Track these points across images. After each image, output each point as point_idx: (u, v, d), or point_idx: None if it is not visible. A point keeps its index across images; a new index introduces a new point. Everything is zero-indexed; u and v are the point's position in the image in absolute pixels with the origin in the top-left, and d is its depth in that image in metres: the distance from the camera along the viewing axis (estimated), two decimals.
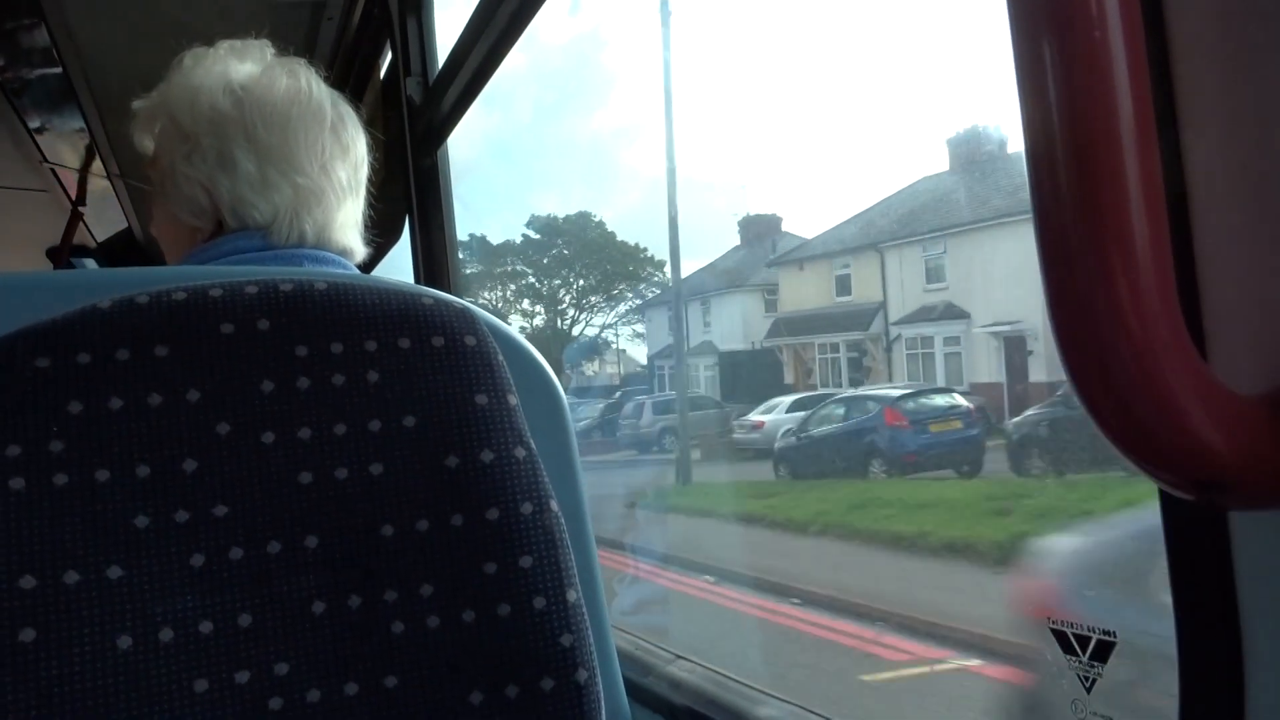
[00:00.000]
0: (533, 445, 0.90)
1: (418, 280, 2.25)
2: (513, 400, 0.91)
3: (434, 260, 2.21)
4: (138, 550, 0.78)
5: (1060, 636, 0.95)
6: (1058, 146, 0.48)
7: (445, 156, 2.19)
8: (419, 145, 2.16)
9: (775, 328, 21.68)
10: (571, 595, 0.87)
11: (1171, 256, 0.48)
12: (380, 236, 1.36)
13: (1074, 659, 0.93)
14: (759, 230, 24.95)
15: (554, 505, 0.89)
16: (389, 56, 2.44)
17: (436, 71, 2.18)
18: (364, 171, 1.31)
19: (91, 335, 0.81)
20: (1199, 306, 0.53)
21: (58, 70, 3.15)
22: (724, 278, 24.27)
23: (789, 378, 20.70)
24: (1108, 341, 0.48)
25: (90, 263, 5.08)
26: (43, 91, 3.51)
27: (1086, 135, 0.48)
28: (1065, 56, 0.48)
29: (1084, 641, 0.93)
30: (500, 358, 0.92)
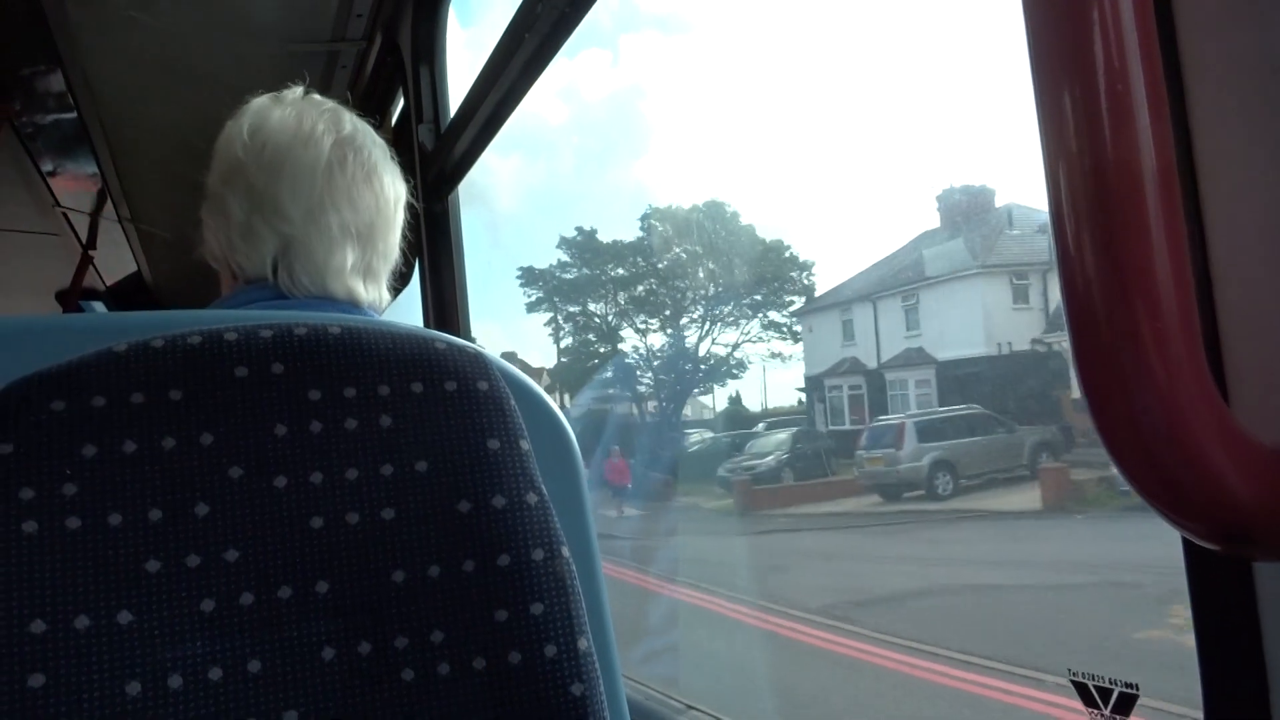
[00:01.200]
0: (544, 490, 0.90)
1: (427, 324, 2.26)
2: (524, 445, 0.90)
3: (444, 304, 2.22)
4: (148, 595, 0.78)
5: None
6: (1081, 200, 0.49)
7: (456, 202, 2.21)
8: (430, 191, 2.18)
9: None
10: (583, 644, 0.86)
11: (1196, 307, 0.48)
12: (391, 281, 1.36)
13: None
14: (969, 206, 17.71)
15: (565, 551, 0.88)
16: (401, 103, 2.47)
17: (449, 119, 2.20)
18: (386, 214, 1.29)
19: (107, 379, 0.81)
20: (1223, 357, 0.53)
21: (73, 115, 3.19)
22: (940, 263, 17.09)
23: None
24: (1132, 390, 0.48)
25: (99, 306, 5.11)
26: (57, 136, 3.55)
27: (1110, 188, 0.48)
28: (1088, 112, 0.48)
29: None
30: (512, 402, 0.92)
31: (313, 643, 0.81)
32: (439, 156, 2.17)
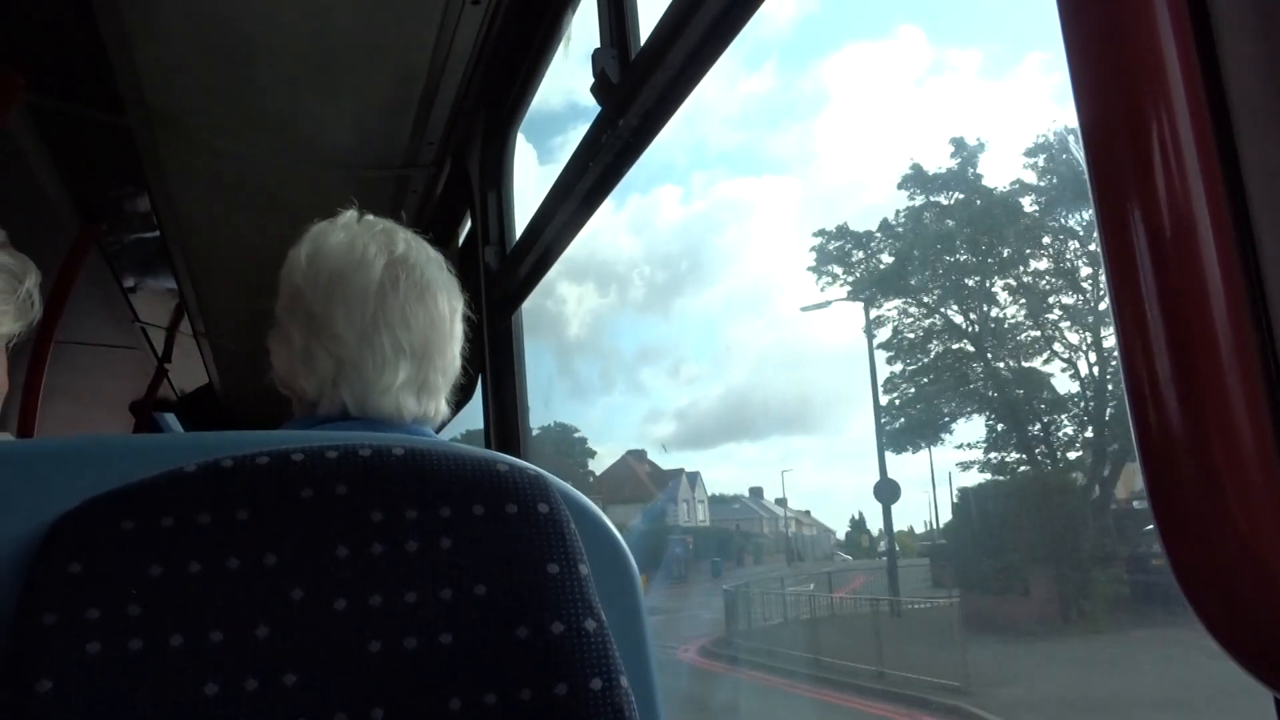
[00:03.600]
0: (603, 617, 0.88)
1: (488, 444, 2.26)
2: (584, 569, 0.89)
3: (506, 424, 2.23)
4: (207, 719, 0.77)
5: None
6: (1152, 339, 0.48)
7: (519, 322, 2.24)
8: (495, 311, 2.22)
9: None
10: None
11: (1274, 446, 0.47)
12: (452, 395, 1.38)
13: None
14: None
15: (624, 681, 0.86)
16: (468, 225, 2.53)
17: (514, 241, 2.25)
18: (442, 329, 1.30)
19: (176, 498, 0.82)
20: None
21: (155, 234, 3.32)
22: None
23: None
24: (1212, 540, 0.46)
25: (171, 417, 5.23)
26: (140, 254, 3.70)
27: (1180, 325, 0.47)
28: (1153, 239, 0.48)
29: None
30: (573, 526, 0.91)
31: None
32: (503, 277, 2.21)
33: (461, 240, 2.66)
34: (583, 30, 1.88)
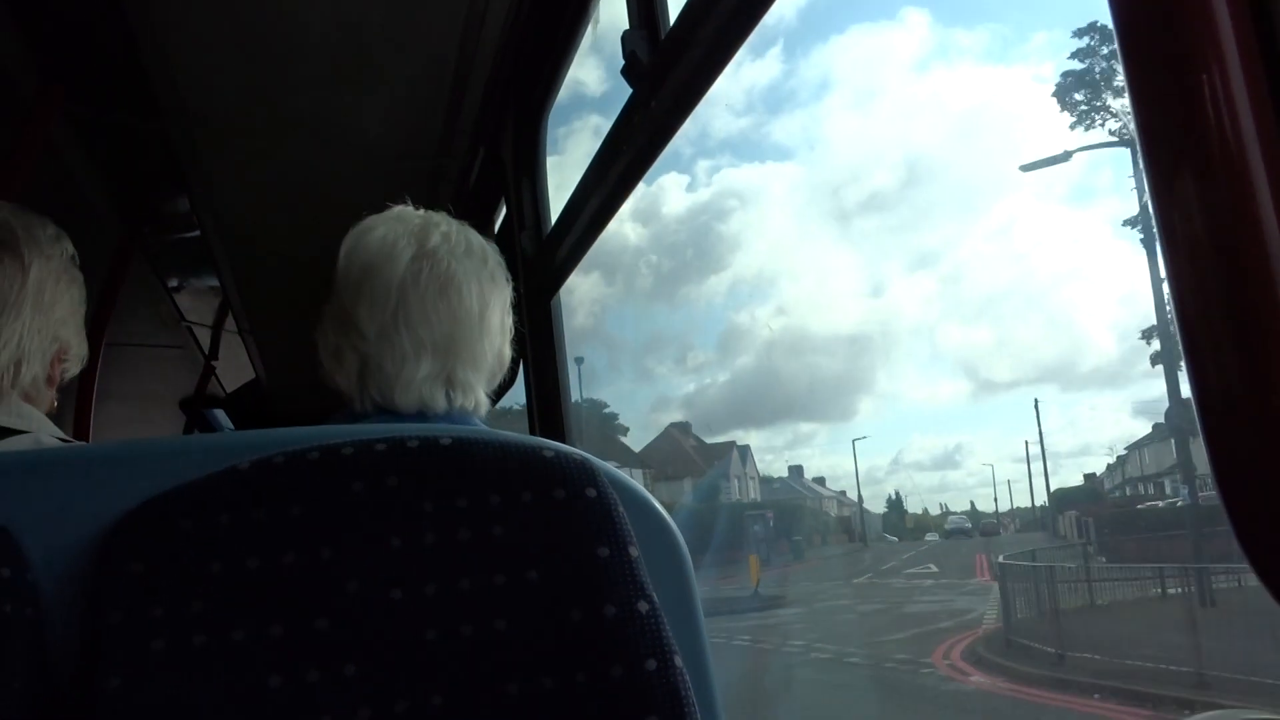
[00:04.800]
0: (655, 598, 0.88)
1: (532, 430, 2.28)
2: (634, 552, 0.90)
3: (549, 409, 2.24)
4: (271, 711, 0.79)
5: None
6: (1208, 293, 0.47)
7: (558, 307, 2.25)
8: (532, 297, 2.22)
9: None
10: None
11: None
12: (490, 386, 1.38)
13: None
14: None
15: (678, 661, 0.87)
16: (504, 211, 2.54)
17: (549, 226, 2.26)
18: (468, 324, 1.29)
19: (232, 496, 0.84)
20: None
21: (196, 234, 3.36)
22: None
23: None
24: (1268, 487, 0.46)
25: (220, 414, 5.30)
26: (182, 255, 3.75)
27: (1236, 280, 0.47)
28: (1204, 201, 0.47)
29: None
30: (620, 509, 0.91)
31: None
32: (540, 263, 2.22)
33: (497, 227, 2.67)
34: (609, 12, 1.87)
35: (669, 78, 1.40)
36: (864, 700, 13.04)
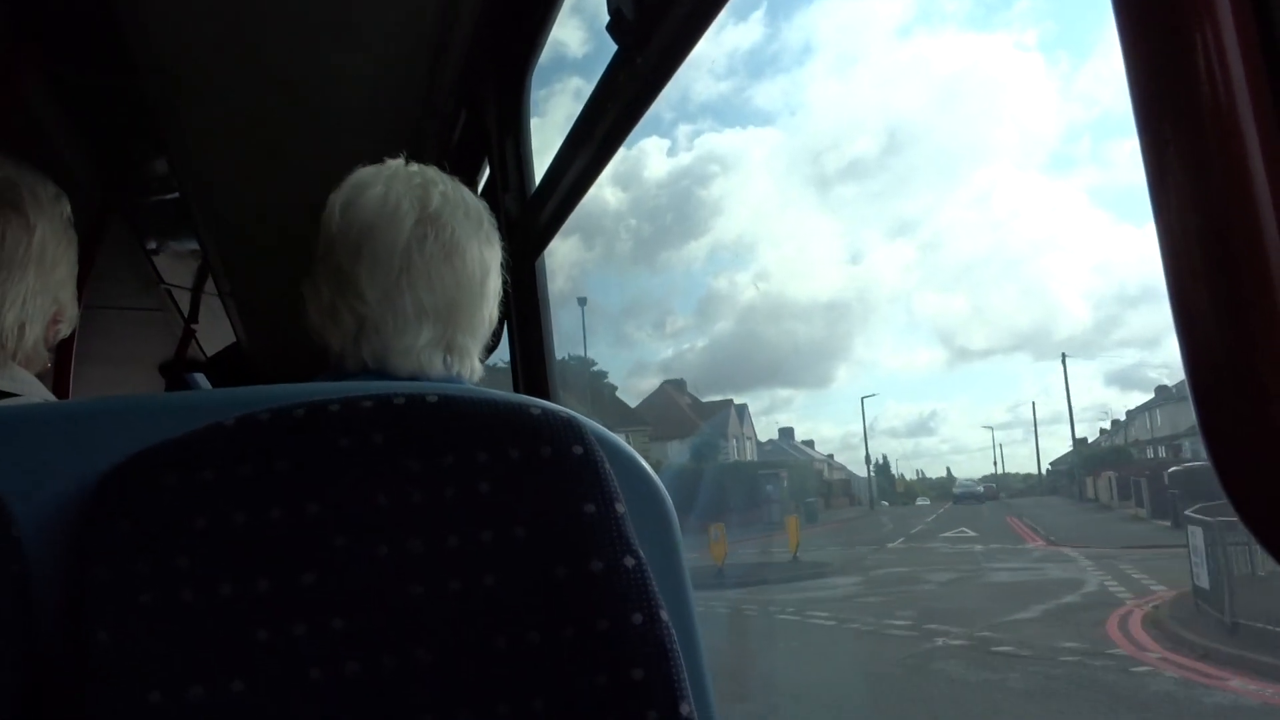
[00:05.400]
0: (641, 554, 0.89)
1: (517, 389, 2.28)
2: (620, 508, 0.90)
3: (534, 369, 2.24)
4: (258, 664, 0.79)
5: None
6: (1199, 267, 0.47)
7: (543, 267, 2.24)
8: (517, 258, 2.21)
9: None
10: (685, 709, 0.85)
11: None
12: (484, 353, 1.37)
13: None
14: None
15: (664, 615, 0.88)
16: (486, 173, 2.52)
17: (534, 187, 2.24)
18: (470, 290, 1.28)
19: (216, 452, 0.84)
20: None
21: (175, 196, 3.33)
22: None
23: None
24: (1258, 449, 0.46)
25: (201, 377, 5.28)
26: (161, 217, 3.71)
27: (1227, 253, 0.46)
28: (1199, 172, 0.47)
29: None
30: (607, 466, 0.92)
31: (416, 710, 0.82)
32: (524, 223, 2.21)
33: (480, 189, 2.66)
34: None
35: (655, 34, 1.38)
36: None
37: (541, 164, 2.17)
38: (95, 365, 4.54)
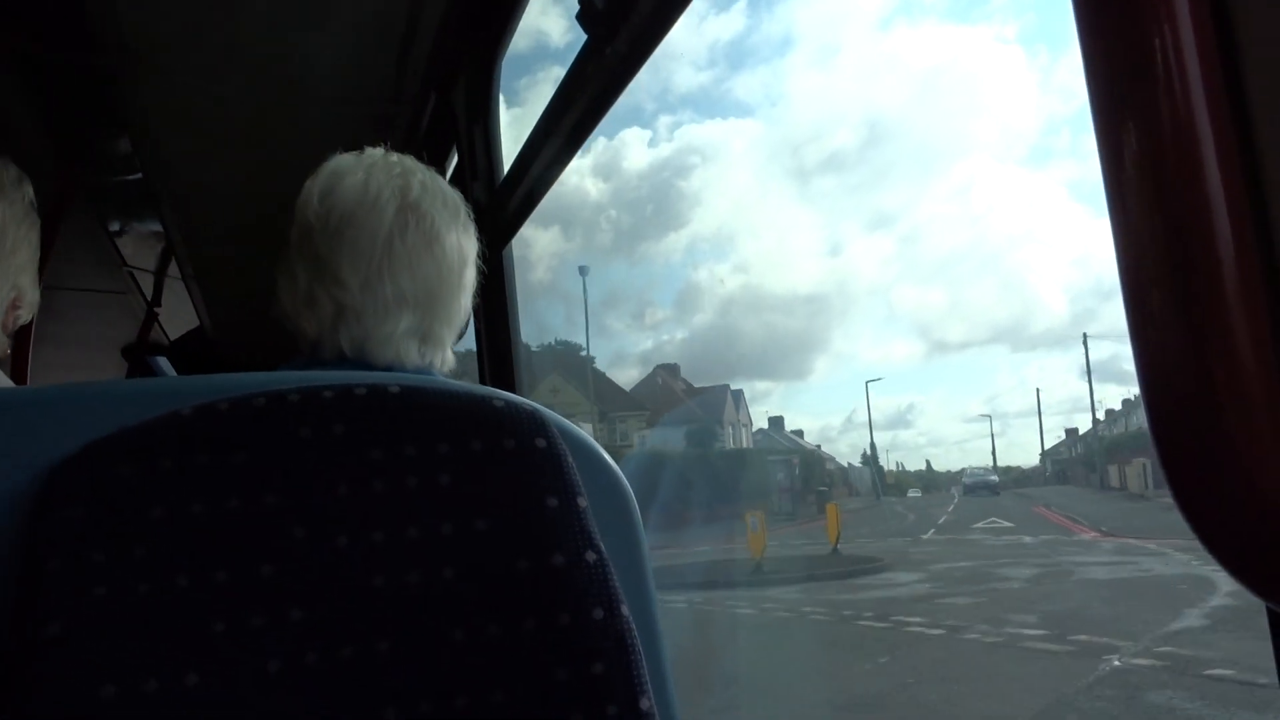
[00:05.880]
0: (603, 548, 0.89)
1: (483, 381, 2.27)
2: (582, 502, 0.90)
3: (500, 360, 2.23)
4: (215, 656, 0.78)
5: None
6: (1154, 270, 0.47)
7: (510, 257, 2.22)
8: (484, 246, 2.20)
9: None
10: (644, 703, 0.85)
11: (1275, 356, 0.47)
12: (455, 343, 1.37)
13: None
14: None
15: (625, 610, 0.88)
16: (455, 160, 2.50)
17: (502, 175, 2.23)
18: (450, 280, 1.28)
19: (174, 441, 0.83)
20: None
21: (138, 177, 3.28)
22: None
23: None
24: (1206, 451, 0.46)
25: (164, 361, 5.22)
26: (124, 198, 3.66)
27: (1183, 255, 0.47)
28: (1157, 173, 0.47)
29: None
30: (570, 459, 0.92)
31: (375, 702, 0.81)
32: (492, 212, 2.19)
33: (449, 177, 2.63)
34: None
35: (624, 24, 1.37)
36: None
37: (514, 154, 2.16)
38: (56, 348, 4.48)
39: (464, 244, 1.32)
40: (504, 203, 2.10)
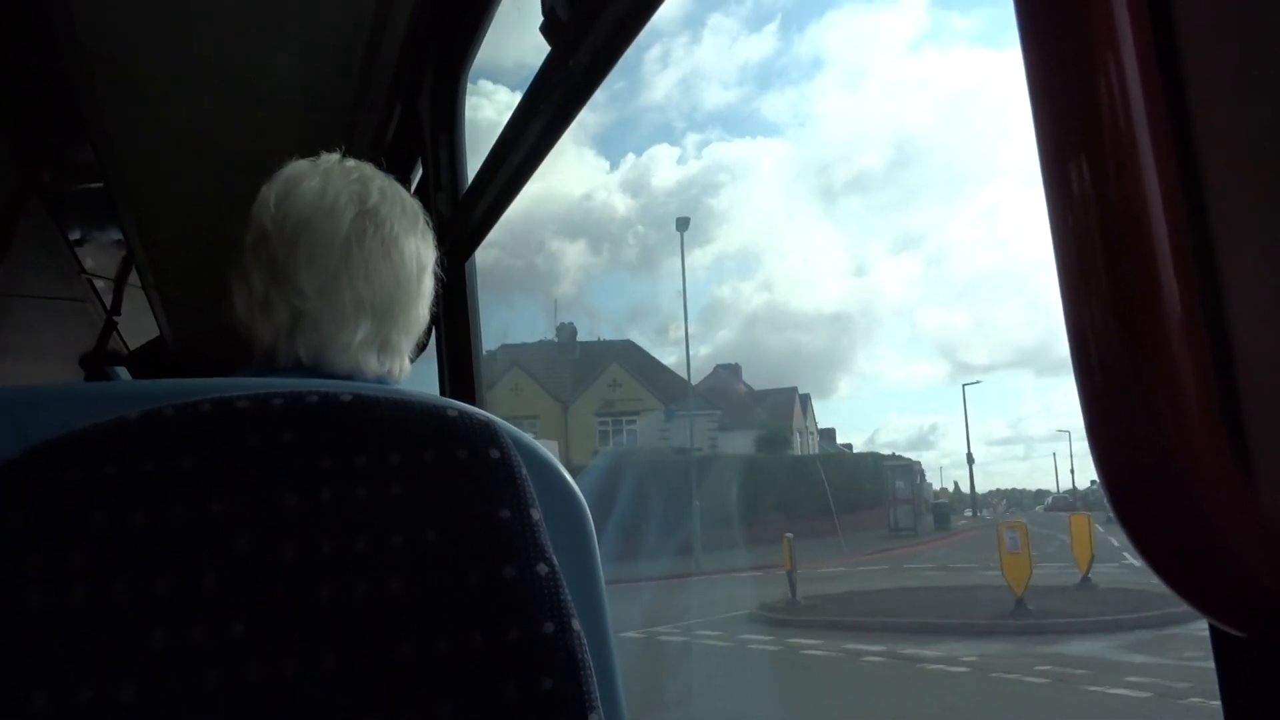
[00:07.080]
0: (555, 562, 0.88)
1: (443, 392, 2.25)
2: (535, 515, 0.89)
3: (460, 371, 2.21)
4: (153, 668, 0.76)
5: None
6: (1090, 266, 0.47)
7: (473, 269, 2.21)
8: (448, 258, 2.18)
9: None
10: (594, 719, 0.84)
11: (1214, 378, 0.47)
12: (415, 353, 1.35)
13: None
14: None
15: (576, 625, 0.87)
16: (420, 171, 2.49)
17: (466, 186, 2.22)
18: (408, 287, 1.26)
19: (118, 447, 0.81)
20: (1243, 431, 0.51)
21: (99, 185, 3.23)
22: None
23: None
24: (1149, 467, 0.46)
25: (123, 371, 5.15)
26: (84, 205, 3.61)
27: (1120, 254, 0.47)
28: (1095, 174, 0.47)
29: None
30: (524, 471, 0.91)
31: (317, 717, 0.80)
32: (456, 224, 2.18)
33: (414, 188, 2.62)
34: None
35: (587, 36, 1.37)
36: None
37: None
38: (10, 356, 4.41)
39: (422, 251, 1.30)
40: (468, 214, 2.09)
